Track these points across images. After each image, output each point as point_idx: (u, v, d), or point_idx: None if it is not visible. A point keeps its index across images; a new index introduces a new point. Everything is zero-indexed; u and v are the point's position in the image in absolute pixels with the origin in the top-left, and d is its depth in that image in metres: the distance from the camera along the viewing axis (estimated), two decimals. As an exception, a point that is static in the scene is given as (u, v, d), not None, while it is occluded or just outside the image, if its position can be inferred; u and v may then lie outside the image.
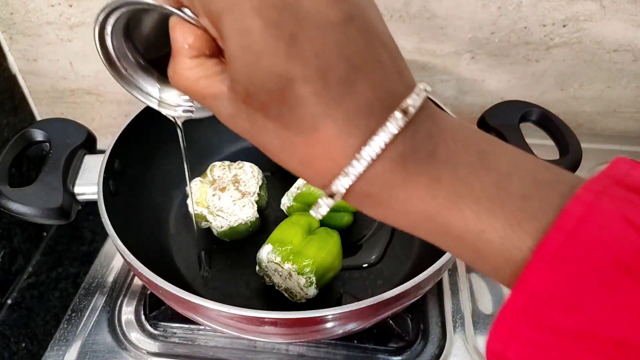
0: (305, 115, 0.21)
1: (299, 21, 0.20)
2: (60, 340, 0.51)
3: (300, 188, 0.52)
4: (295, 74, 0.20)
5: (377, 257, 0.54)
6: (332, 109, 0.21)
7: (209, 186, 0.55)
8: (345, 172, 0.21)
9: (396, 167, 0.21)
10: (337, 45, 0.20)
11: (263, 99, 0.21)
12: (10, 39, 0.66)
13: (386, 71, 0.21)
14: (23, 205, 0.45)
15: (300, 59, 0.20)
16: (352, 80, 0.20)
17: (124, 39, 0.31)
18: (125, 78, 0.33)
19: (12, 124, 0.67)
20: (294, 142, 0.22)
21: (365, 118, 0.21)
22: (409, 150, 0.21)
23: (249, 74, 0.21)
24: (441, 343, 0.50)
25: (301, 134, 0.21)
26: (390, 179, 0.22)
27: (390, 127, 0.21)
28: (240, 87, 0.22)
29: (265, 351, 0.49)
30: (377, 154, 0.21)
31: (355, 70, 0.21)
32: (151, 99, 0.33)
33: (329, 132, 0.21)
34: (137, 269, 0.40)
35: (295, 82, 0.20)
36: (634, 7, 0.59)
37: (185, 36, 0.24)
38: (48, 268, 0.64)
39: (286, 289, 0.48)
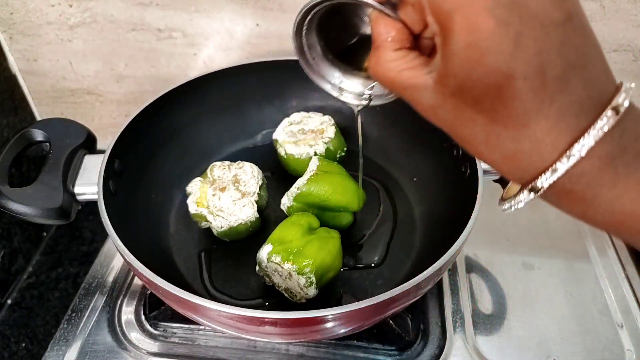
0: (519, 110, 0.22)
1: (525, 20, 0.21)
2: (60, 340, 0.51)
3: (300, 188, 0.52)
4: (517, 71, 0.21)
5: (379, 259, 0.54)
6: (546, 106, 0.21)
7: (209, 186, 0.55)
8: (553, 168, 0.22)
9: (604, 167, 0.22)
10: (558, 43, 0.21)
11: (477, 93, 0.22)
12: (10, 39, 0.66)
13: (597, 70, 0.22)
14: (23, 205, 0.45)
15: (523, 57, 0.21)
16: (568, 78, 0.21)
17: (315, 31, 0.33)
18: (312, 67, 0.36)
19: (12, 124, 0.67)
20: (500, 136, 0.23)
21: (577, 116, 0.22)
22: (617, 150, 0.22)
23: (469, 70, 0.22)
24: (441, 343, 0.50)
25: (511, 128, 0.22)
26: (598, 178, 0.22)
27: (601, 125, 0.21)
28: (453, 82, 0.23)
29: (265, 351, 0.49)
30: (587, 151, 0.21)
31: (571, 68, 0.21)
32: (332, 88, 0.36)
33: (540, 128, 0.22)
34: (137, 269, 0.40)
35: (515, 79, 0.21)
36: (634, 7, 0.59)
37: (387, 29, 0.25)
38: (48, 268, 0.64)
39: (286, 289, 0.48)
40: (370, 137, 0.66)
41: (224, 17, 0.64)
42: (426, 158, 0.60)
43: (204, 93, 0.62)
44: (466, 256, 0.59)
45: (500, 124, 0.22)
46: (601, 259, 0.59)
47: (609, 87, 0.22)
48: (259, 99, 0.66)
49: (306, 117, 0.63)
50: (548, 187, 0.23)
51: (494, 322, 0.52)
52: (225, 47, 0.68)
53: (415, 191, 0.61)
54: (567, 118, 0.22)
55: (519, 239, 0.61)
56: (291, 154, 0.59)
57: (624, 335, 0.51)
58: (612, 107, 0.22)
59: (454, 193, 0.53)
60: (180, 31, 0.66)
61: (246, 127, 0.67)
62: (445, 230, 0.49)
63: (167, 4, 0.63)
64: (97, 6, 0.63)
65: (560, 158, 0.22)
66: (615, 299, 0.55)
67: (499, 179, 0.52)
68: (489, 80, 0.21)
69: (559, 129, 0.22)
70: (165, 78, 0.71)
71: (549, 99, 0.21)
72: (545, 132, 0.22)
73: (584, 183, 0.22)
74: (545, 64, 0.21)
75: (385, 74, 0.26)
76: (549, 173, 0.22)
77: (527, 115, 0.22)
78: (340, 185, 0.52)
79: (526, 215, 0.64)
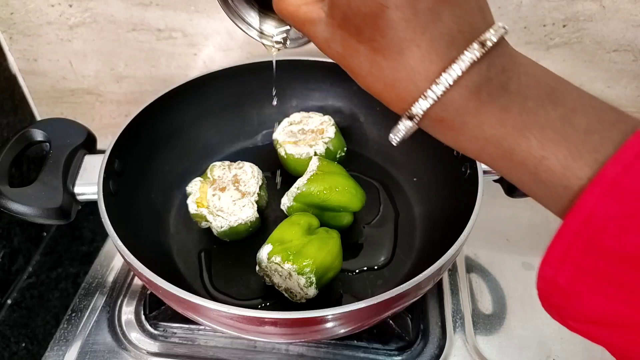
0: (394, 39, 0.23)
1: None
2: (60, 340, 0.51)
3: (300, 188, 0.52)
4: (389, 2, 0.23)
5: (378, 259, 0.54)
6: (418, 35, 0.23)
7: (209, 186, 0.55)
8: (424, 96, 0.24)
9: (471, 95, 0.24)
10: None
11: (358, 23, 0.24)
12: (10, 39, 0.66)
13: (470, 6, 0.24)
14: (23, 205, 0.45)
15: None
16: (438, 11, 0.23)
17: None
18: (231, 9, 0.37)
19: (12, 124, 0.67)
20: (381, 65, 0.25)
21: (447, 47, 0.23)
22: (484, 80, 0.23)
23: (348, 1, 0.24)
24: (441, 343, 0.50)
25: (389, 57, 0.24)
26: (464, 106, 0.24)
27: (468, 57, 0.23)
28: (338, 12, 0.25)
29: (265, 351, 0.49)
30: (454, 80, 0.23)
31: (442, 2, 0.23)
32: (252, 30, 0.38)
33: (413, 56, 0.23)
34: (137, 269, 0.40)
35: (389, 9, 0.23)
36: (634, 7, 0.59)
37: None
38: (48, 268, 0.64)
39: (286, 289, 0.48)
40: (370, 137, 0.66)
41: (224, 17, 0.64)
42: (426, 158, 0.60)
43: (204, 93, 0.62)
44: (466, 256, 0.59)
45: (379, 53, 0.24)
46: (601, 259, 0.59)
47: (482, 25, 0.24)
48: (259, 99, 0.66)
49: (306, 117, 0.63)
50: (422, 114, 0.24)
51: (494, 322, 0.52)
52: (225, 47, 0.68)
53: (415, 191, 0.61)
54: (438, 48, 0.23)
55: (519, 239, 0.61)
56: (291, 154, 0.59)
57: (624, 335, 0.51)
58: (479, 41, 0.23)
59: (454, 193, 0.53)
60: (180, 31, 0.66)
61: (246, 127, 0.67)
62: (445, 230, 0.49)
63: (167, 4, 0.63)
64: (97, 6, 0.63)
65: (431, 86, 0.23)
66: (615, 299, 0.55)
67: (499, 179, 0.52)
68: (366, 10, 0.23)
69: (431, 59, 0.23)
70: (165, 78, 0.71)
71: (421, 29, 0.23)
72: (419, 60, 0.23)
73: (453, 111, 0.24)
74: None
75: (287, 9, 0.28)
76: (422, 100, 0.24)
77: (402, 44, 0.23)
78: (341, 185, 0.52)
79: (526, 215, 0.64)
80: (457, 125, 0.25)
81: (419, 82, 0.24)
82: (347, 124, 0.66)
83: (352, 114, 0.66)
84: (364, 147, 0.66)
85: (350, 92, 0.65)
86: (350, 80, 0.28)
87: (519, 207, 0.64)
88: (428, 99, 0.24)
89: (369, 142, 0.66)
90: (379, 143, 0.65)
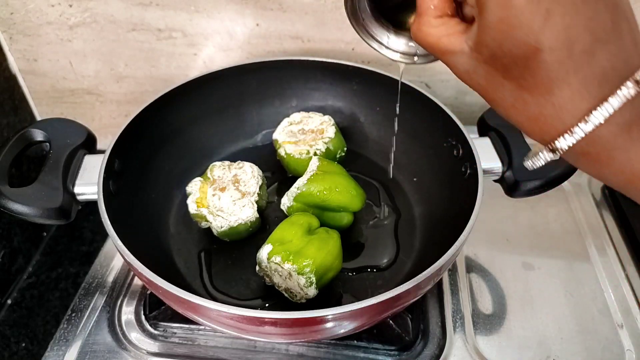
0: (544, 79, 0.24)
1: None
2: (60, 340, 0.51)
3: (300, 188, 0.52)
4: (544, 45, 0.23)
5: (379, 259, 0.54)
6: (571, 75, 0.23)
7: (209, 186, 0.55)
8: (570, 131, 0.24)
9: (620, 132, 0.24)
10: (586, 19, 0.22)
11: (507, 62, 0.24)
12: (10, 39, 0.66)
13: (624, 43, 0.23)
14: (23, 205, 0.45)
15: (551, 32, 0.22)
16: (593, 52, 0.23)
17: None
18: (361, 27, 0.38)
19: (12, 124, 0.67)
20: (526, 101, 0.25)
21: (599, 85, 0.23)
22: (636, 117, 0.23)
23: (500, 41, 0.24)
24: (441, 343, 0.50)
25: (537, 94, 0.24)
26: (613, 142, 0.24)
27: (620, 96, 0.23)
28: (486, 50, 0.25)
29: (265, 351, 0.49)
30: (605, 118, 0.23)
31: (598, 42, 0.23)
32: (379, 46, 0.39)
33: (563, 95, 0.24)
34: (137, 269, 0.40)
35: (543, 52, 0.23)
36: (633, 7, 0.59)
37: None
38: (48, 268, 0.65)
39: (286, 289, 0.48)
40: (370, 137, 0.66)
41: (224, 17, 0.64)
42: (426, 158, 0.60)
43: (203, 93, 0.62)
44: (466, 256, 0.59)
45: (526, 90, 0.24)
46: (601, 259, 0.59)
47: (637, 59, 0.24)
48: (259, 99, 0.66)
49: (306, 117, 0.63)
50: (566, 148, 0.25)
51: (494, 322, 0.52)
52: (225, 47, 0.68)
53: (415, 191, 0.61)
54: (589, 87, 0.23)
55: (519, 239, 0.61)
56: (291, 154, 0.59)
57: (624, 335, 0.51)
58: (634, 79, 0.23)
59: (454, 193, 0.53)
60: (180, 31, 0.66)
61: (246, 127, 0.67)
62: (445, 230, 0.49)
63: (167, 4, 0.63)
64: (97, 6, 0.63)
65: (579, 123, 0.23)
66: (615, 299, 0.55)
67: (499, 179, 0.52)
68: (518, 52, 0.23)
69: (581, 97, 0.23)
70: (165, 78, 0.71)
71: (573, 70, 0.23)
72: (568, 99, 0.23)
73: (600, 146, 0.24)
74: (572, 39, 0.22)
75: (426, 39, 0.28)
76: (568, 136, 0.24)
77: (552, 84, 0.23)
78: (341, 185, 0.52)
79: (526, 215, 0.64)
80: (604, 160, 0.25)
81: (566, 119, 0.24)
82: (347, 124, 0.67)
83: (352, 114, 0.66)
84: (364, 147, 0.66)
85: (350, 92, 0.65)
86: (350, 80, 0.28)
87: (519, 207, 0.64)
88: (575, 135, 0.24)
89: (369, 142, 0.66)
90: (379, 143, 0.65)
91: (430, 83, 0.71)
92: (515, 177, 0.50)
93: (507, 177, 0.51)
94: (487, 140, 0.53)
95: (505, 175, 0.51)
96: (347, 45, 0.66)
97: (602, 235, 0.62)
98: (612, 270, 0.58)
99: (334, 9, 0.62)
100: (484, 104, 0.30)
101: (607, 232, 0.62)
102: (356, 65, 0.61)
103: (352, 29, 0.38)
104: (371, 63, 0.67)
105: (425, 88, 0.69)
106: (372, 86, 0.62)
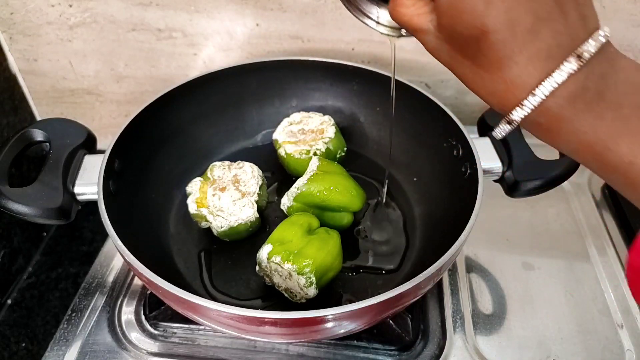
0: (493, 58, 0.26)
1: None
2: (60, 340, 0.51)
3: (300, 188, 0.52)
4: (489, 27, 0.25)
5: (379, 259, 0.54)
6: (516, 54, 0.25)
7: (209, 186, 0.55)
8: (521, 105, 0.26)
9: (566, 104, 0.26)
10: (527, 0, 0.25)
11: (461, 43, 0.27)
12: (10, 39, 0.66)
13: (570, 19, 0.25)
14: (23, 205, 0.45)
15: (494, 15, 0.25)
16: (537, 30, 0.25)
17: None
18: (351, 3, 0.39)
19: (12, 124, 0.67)
20: (483, 77, 0.27)
21: (544, 61, 0.25)
22: (580, 89, 0.25)
23: (452, 25, 0.27)
24: (441, 343, 0.50)
25: (489, 71, 0.27)
26: (559, 113, 0.26)
27: (563, 70, 0.25)
28: (444, 32, 0.28)
29: (265, 351, 0.49)
30: (549, 91, 0.25)
31: (540, 21, 0.25)
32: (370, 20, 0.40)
33: (511, 72, 0.26)
34: (137, 269, 0.40)
35: (489, 33, 0.25)
36: (634, 7, 0.59)
37: None
38: (48, 268, 0.64)
39: (286, 289, 0.48)
40: (370, 137, 0.66)
41: (224, 17, 0.64)
42: (426, 158, 0.60)
43: (203, 93, 0.62)
44: (466, 256, 0.59)
45: (481, 67, 0.27)
46: (601, 259, 0.59)
47: (584, 34, 0.25)
48: (259, 99, 0.66)
49: (306, 117, 0.63)
50: (520, 120, 0.27)
51: (494, 322, 0.52)
52: (225, 47, 0.68)
53: (415, 191, 0.61)
54: (535, 64, 0.25)
55: (519, 239, 0.61)
56: (291, 154, 0.59)
57: (624, 335, 0.51)
58: (576, 54, 0.25)
59: (454, 193, 0.53)
60: (180, 31, 0.66)
61: (246, 127, 0.67)
62: (445, 230, 0.49)
63: (167, 4, 0.63)
64: (97, 6, 0.63)
65: (528, 97, 0.26)
66: (615, 299, 0.55)
67: (499, 179, 0.52)
68: (469, 34, 0.26)
69: (528, 73, 0.25)
70: (165, 78, 0.71)
71: (518, 48, 0.25)
72: (516, 75, 0.26)
73: (549, 117, 0.26)
74: (514, 20, 0.25)
75: (400, 18, 0.30)
76: (519, 108, 0.27)
77: (501, 62, 0.26)
78: (341, 185, 0.52)
79: (526, 215, 0.64)
80: (553, 130, 0.27)
81: (516, 93, 0.26)
82: (347, 124, 0.66)
83: (352, 114, 0.66)
84: (364, 147, 0.66)
85: (350, 92, 0.65)
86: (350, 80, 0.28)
87: (519, 207, 0.64)
88: (525, 108, 0.26)
89: (369, 142, 0.66)
90: (379, 143, 0.65)
91: (430, 83, 0.71)
92: (515, 177, 0.50)
93: (507, 177, 0.51)
94: (487, 140, 0.53)
95: (505, 175, 0.51)
96: (347, 45, 0.66)
97: (602, 235, 0.62)
98: (612, 270, 0.58)
99: (334, 9, 0.62)
100: (484, 104, 0.30)
101: (607, 232, 0.62)
102: (356, 65, 0.62)
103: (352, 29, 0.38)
104: (371, 63, 0.67)
105: (425, 88, 0.69)
106: (372, 86, 0.62)
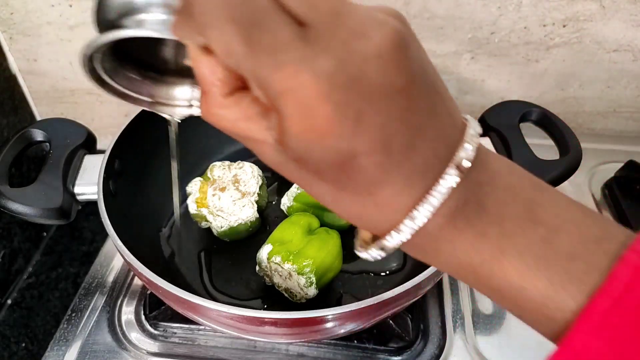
0: (363, 182, 0.20)
1: (366, 95, 0.19)
2: (60, 340, 0.51)
3: (300, 188, 0.52)
4: (358, 150, 0.19)
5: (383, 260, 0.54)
6: (392, 175, 0.20)
7: (209, 186, 0.55)
8: (397, 229, 0.21)
9: (445, 223, 0.21)
10: (402, 110, 0.19)
11: (319, 168, 0.20)
12: (10, 39, 0.66)
13: (441, 121, 0.21)
14: (23, 205, 0.45)
15: (365, 135, 0.19)
16: (414, 144, 0.20)
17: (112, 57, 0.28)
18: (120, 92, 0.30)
19: (12, 124, 0.67)
20: (346, 201, 0.22)
21: (423, 177, 0.20)
22: (460, 203, 0.21)
23: (307, 148, 0.20)
24: (441, 343, 0.50)
25: (356, 195, 0.21)
26: (438, 234, 0.21)
27: (443, 186, 0.20)
28: (292, 153, 0.20)
29: (265, 351, 0.49)
30: (431, 212, 0.20)
31: (416, 131, 0.20)
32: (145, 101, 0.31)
33: (385, 194, 0.21)
34: (137, 269, 0.40)
35: (359, 156, 0.19)
36: (634, 7, 0.59)
37: (214, 70, 0.21)
38: (48, 268, 0.64)
39: (286, 289, 0.48)
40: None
41: (224, 17, 0.64)
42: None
43: (204, 93, 0.61)
44: (466, 256, 0.59)
45: (344, 192, 0.21)
46: (601, 259, 0.59)
47: (455, 135, 0.21)
48: (259, 99, 0.66)
49: (306, 117, 0.63)
50: (393, 247, 0.22)
51: (494, 322, 0.52)
52: (225, 47, 0.68)
53: (415, 191, 0.61)
54: (413, 181, 0.20)
55: (519, 239, 0.61)
56: (291, 154, 0.59)
57: (624, 335, 0.51)
58: (454, 164, 0.20)
59: (454, 193, 0.53)
60: (180, 31, 0.65)
61: (246, 127, 0.67)
62: (445, 230, 0.49)
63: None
64: (97, 6, 0.63)
65: (404, 220, 0.21)
66: (615, 299, 0.55)
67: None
68: (330, 159, 0.20)
69: (406, 193, 0.21)
70: (165, 78, 0.71)
71: (395, 168, 0.20)
72: (391, 197, 0.21)
73: (426, 238, 0.22)
74: (389, 137, 0.19)
75: (220, 124, 0.22)
76: (394, 234, 0.21)
77: (371, 186, 0.20)
78: (340, 185, 0.52)
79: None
80: (431, 251, 0.22)
81: (391, 217, 0.21)
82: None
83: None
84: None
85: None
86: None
87: (519, 207, 0.63)
88: (402, 233, 0.21)
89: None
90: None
91: (430, 83, 0.71)
92: (515, 177, 0.50)
93: (507, 177, 0.51)
94: (487, 141, 0.53)
95: (505, 175, 0.51)
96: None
97: (602, 235, 0.62)
98: (612, 270, 0.58)
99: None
100: (484, 104, 0.30)
101: (607, 232, 0.62)
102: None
103: None
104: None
105: (425, 88, 0.69)
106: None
